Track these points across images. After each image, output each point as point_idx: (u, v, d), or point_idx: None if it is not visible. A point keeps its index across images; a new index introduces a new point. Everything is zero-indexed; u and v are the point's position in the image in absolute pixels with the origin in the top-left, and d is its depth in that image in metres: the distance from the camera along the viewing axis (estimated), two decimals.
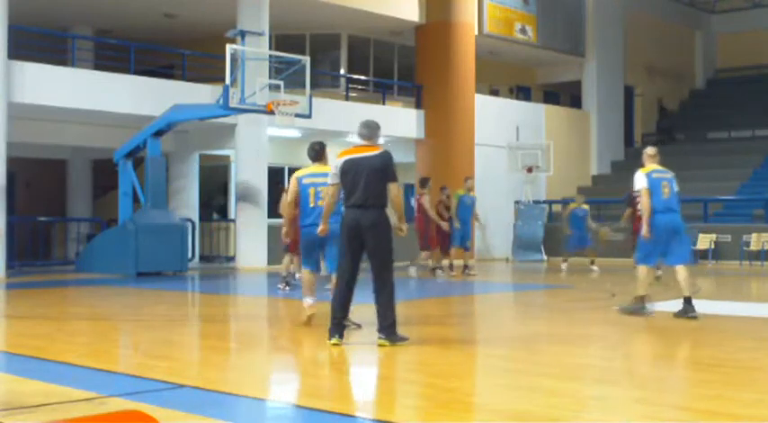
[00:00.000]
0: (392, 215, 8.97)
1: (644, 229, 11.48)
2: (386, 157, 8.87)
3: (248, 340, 10.07)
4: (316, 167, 10.33)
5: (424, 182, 19.50)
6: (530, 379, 7.43)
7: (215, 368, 8.13)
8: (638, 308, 11.73)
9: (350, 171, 8.84)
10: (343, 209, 8.99)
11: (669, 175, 11.79)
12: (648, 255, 11.71)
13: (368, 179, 8.73)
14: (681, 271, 11.48)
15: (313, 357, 8.78)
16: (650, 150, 12.12)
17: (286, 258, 15.88)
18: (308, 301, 10.46)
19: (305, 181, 10.26)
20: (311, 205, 10.14)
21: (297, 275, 15.88)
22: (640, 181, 11.63)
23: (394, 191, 8.84)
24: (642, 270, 11.76)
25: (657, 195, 11.54)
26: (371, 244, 8.75)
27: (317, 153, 10.39)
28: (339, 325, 8.92)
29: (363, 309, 9.78)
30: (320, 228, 9.58)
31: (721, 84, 39.37)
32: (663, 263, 12.17)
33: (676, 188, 11.74)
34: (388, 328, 8.77)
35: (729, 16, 39.85)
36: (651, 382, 7.37)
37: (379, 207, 8.78)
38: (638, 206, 16.10)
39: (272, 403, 6.70)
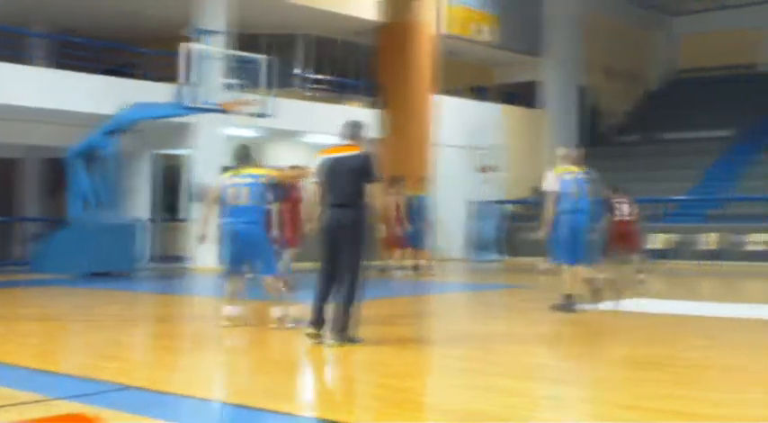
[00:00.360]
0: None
1: (543, 230, 11.85)
2: (365, 158, 8.87)
3: (198, 341, 9.97)
4: (240, 170, 10.34)
5: (395, 181, 19.38)
6: (485, 379, 7.42)
7: (164, 369, 8.05)
8: (569, 305, 11.93)
9: (329, 170, 8.89)
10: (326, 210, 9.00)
11: (582, 175, 11.98)
12: (564, 254, 11.95)
13: (346, 179, 8.77)
14: (582, 271, 11.97)
15: (263, 357, 8.73)
16: (562, 151, 12.41)
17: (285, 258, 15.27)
18: (229, 310, 10.36)
19: (229, 181, 10.29)
20: (229, 203, 10.14)
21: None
22: (550, 182, 11.87)
23: (374, 191, 8.83)
24: (563, 269, 12.01)
25: (567, 197, 11.77)
26: (347, 243, 8.76)
27: (243, 157, 10.41)
28: (317, 319, 8.90)
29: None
30: (309, 226, 9.60)
31: (677, 85, 39.69)
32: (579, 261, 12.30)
33: (586, 188, 11.97)
34: (340, 331, 8.74)
35: (686, 18, 40.18)
36: (604, 381, 7.39)
37: (358, 207, 8.78)
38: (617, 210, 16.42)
39: (220, 404, 6.63)
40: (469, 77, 33.25)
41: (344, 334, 8.74)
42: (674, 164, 31.11)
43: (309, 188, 9.39)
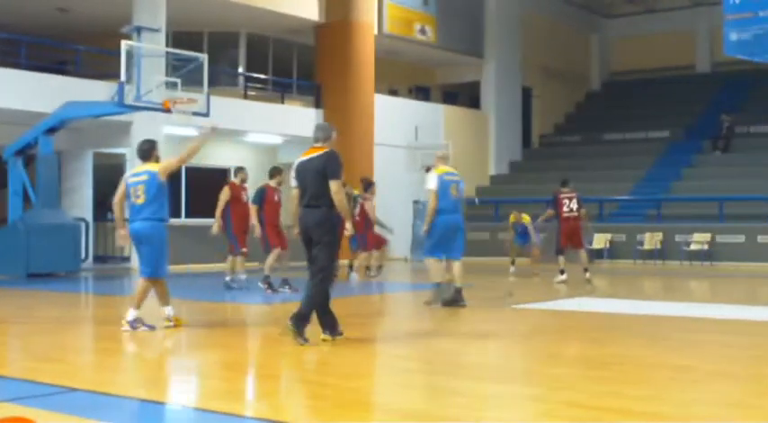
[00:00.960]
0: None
1: (425, 226, 12.54)
2: (325, 157, 9.11)
3: (142, 342, 9.85)
4: (140, 167, 10.26)
5: (368, 185, 19.32)
6: (428, 378, 7.43)
7: (107, 371, 7.96)
8: (436, 296, 12.72)
9: (300, 173, 9.19)
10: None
11: (458, 177, 12.68)
12: (434, 248, 12.57)
13: (313, 180, 9.04)
14: (457, 265, 12.59)
15: (207, 358, 8.65)
16: (440, 153, 13.20)
17: (270, 258, 15.01)
18: (167, 310, 10.31)
19: (129, 180, 10.22)
20: (132, 202, 10.10)
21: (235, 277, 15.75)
22: (432, 182, 12.44)
23: (333, 188, 8.99)
24: (430, 262, 12.69)
25: (447, 196, 12.37)
26: (314, 241, 9.01)
27: (145, 152, 10.30)
28: (323, 323, 9.09)
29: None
30: (295, 230, 9.49)
31: (616, 86, 40.19)
32: (446, 257, 12.85)
33: (463, 190, 12.72)
34: (295, 318, 8.83)
35: (624, 21, 40.71)
36: (547, 379, 7.42)
37: (323, 206, 9.01)
38: (562, 208, 16.83)
39: (165, 405, 6.56)
40: (412, 78, 33.34)
41: (301, 326, 8.82)
42: (615, 164, 31.49)
43: (293, 191, 9.40)
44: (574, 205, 17.58)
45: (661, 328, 11.07)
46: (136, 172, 10.23)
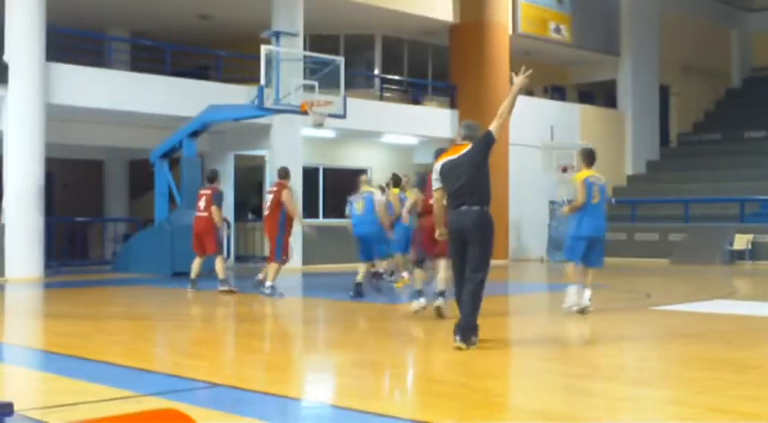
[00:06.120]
0: None
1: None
2: (479, 142, 8.76)
3: (283, 339, 10.10)
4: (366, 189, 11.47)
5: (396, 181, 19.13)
6: (563, 379, 7.41)
7: (250, 367, 8.18)
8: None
9: (448, 173, 8.85)
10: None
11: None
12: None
13: (468, 174, 8.70)
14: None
15: (347, 357, 8.80)
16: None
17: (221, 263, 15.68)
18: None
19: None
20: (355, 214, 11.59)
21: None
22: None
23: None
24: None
25: None
26: (471, 242, 8.69)
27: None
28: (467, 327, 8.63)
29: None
30: (439, 231, 9.24)
31: (757, 83, 38.99)
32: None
33: None
34: (462, 332, 8.55)
35: (766, 14, 39.46)
36: (686, 383, 7.32)
37: (480, 205, 8.71)
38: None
39: (307, 402, 6.72)
40: (547, 77, 33.03)
41: (468, 335, 8.57)
42: (757, 163, 30.55)
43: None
44: None
45: None
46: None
